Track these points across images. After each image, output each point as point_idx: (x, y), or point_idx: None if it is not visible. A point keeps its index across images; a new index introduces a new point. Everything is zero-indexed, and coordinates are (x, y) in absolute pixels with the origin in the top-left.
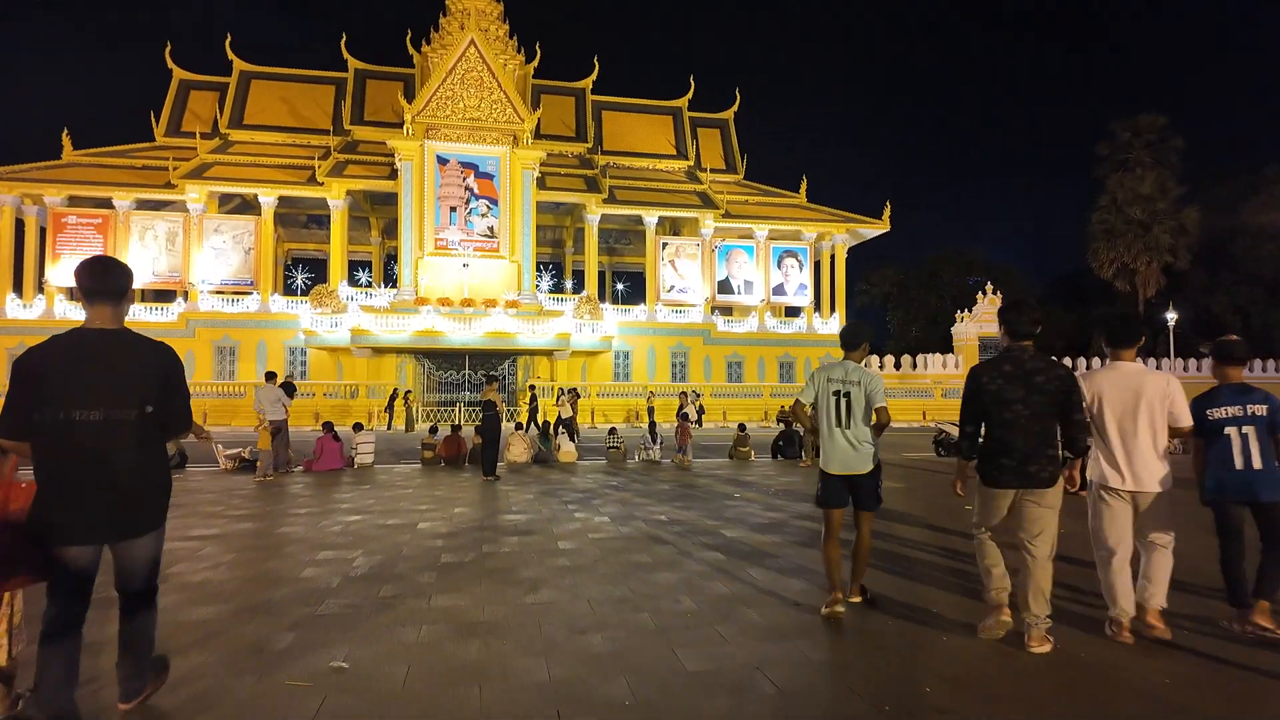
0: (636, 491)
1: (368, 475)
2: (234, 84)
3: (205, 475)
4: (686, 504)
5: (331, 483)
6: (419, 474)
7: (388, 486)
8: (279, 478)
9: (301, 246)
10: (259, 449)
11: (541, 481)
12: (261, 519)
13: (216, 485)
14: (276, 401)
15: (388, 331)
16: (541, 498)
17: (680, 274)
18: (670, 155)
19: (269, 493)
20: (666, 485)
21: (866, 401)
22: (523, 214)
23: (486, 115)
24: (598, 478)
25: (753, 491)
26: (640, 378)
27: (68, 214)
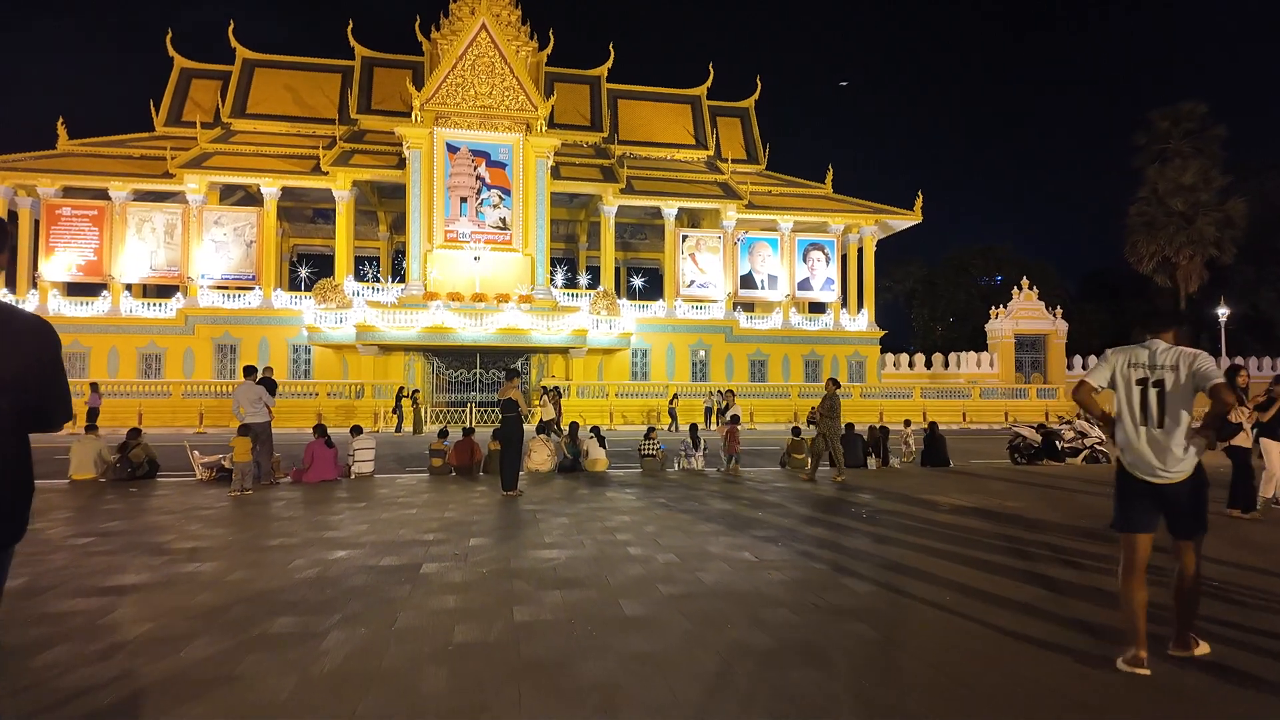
0: (695, 513)
1: (366, 488)
2: (237, 72)
3: (175, 487)
4: (771, 535)
5: (320, 499)
6: (426, 486)
7: (387, 504)
8: (261, 491)
9: (308, 242)
10: (235, 461)
11: (572, 498)
12: (216, 557)
13: (181, 501)
14: (257, 401)
15: (395, 328)
16: (579, 522)
17: (701, 268)
18: (689, 145)
19: (241, 513)
20: (727, 504)
21: (1193, 388)
22: (536, 205)
23: (498, 102)
24: (639, 493)
25: (847, 515)
26: (659, 377)
27: (62, 205)
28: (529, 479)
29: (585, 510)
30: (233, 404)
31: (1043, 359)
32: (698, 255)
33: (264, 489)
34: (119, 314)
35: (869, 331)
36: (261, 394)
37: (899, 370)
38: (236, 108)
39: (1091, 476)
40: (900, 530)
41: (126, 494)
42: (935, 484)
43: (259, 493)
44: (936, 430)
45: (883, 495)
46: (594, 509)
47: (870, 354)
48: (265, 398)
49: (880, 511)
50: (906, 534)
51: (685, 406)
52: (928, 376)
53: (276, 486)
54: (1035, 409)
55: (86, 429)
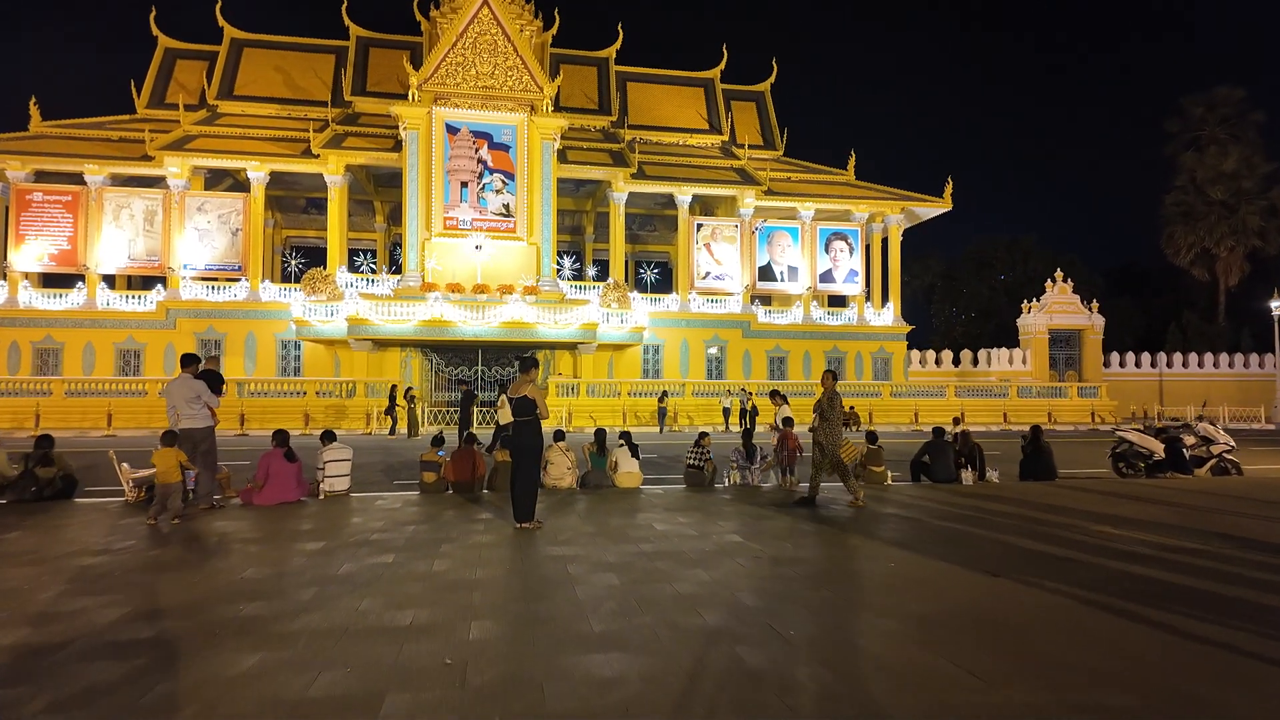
0: (799, 564)
1: (333, 515)
2: (224, 52)
3: (90, 511)
4: (957, 606)
5: (267, 533)
6: (414, 514)
7: (355, 546)
8: (197, 518)
9: (300, 233)
10: (158, 480)
11: (610, 532)
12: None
13: (73, 538)
14: (195, 399)
15: (390, 321)
16: (633, 583)
17: (717, 259)
18: (702, 130)
19: (145, 557)
20: (835, 542)
21: None
22: (542, 190)
23: (501, 83)
24: (698, 523)
25: (1075, 573)
26: (673, 374)
27: (33, 190)
28: (545, 498)
29: (635, 557)
30: (166, 404)
31: (1078, 355)
32: (713, 245)
33: (202, 514)
34: (95, 307)
35: (895, 326)
36: (201, 391)
37: (925, 368)
38: (223, 89)
39: (1247, 493)
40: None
41: (9, 525)
42: (1094, 504)
43: (194, 520)
44: (1041, 437)
45: (1052, 513)
46: (646, 554)
47: (897, 350)
48: (206, 395)
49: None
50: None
51: (696, 406)
52: (956, 374)
53: (219, 510)
54: (1078, 409)
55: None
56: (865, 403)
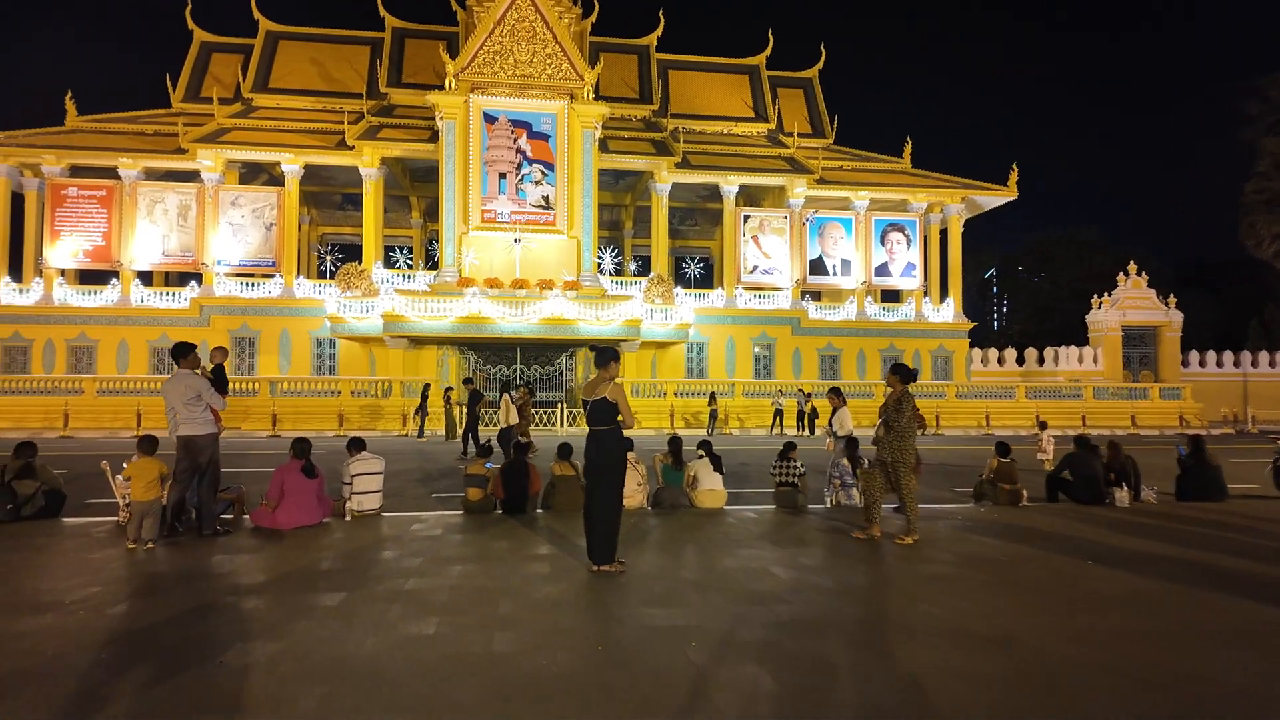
0: (1056, 664)
1: (360, 546)
2: (259, 45)
3: (68, 535)
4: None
5: (272, 575)
6: (459, 543)
7: (387, 600)
8: (199, 544)
9: (336, 230)
10: (134, 498)
11: (713, 578)
12: None
13: (29, 575)
14: (196, 400)
15: (426, 317)
16: (800, 689)
17: (765, 252)
18: (748, 118)
19: (100, 618)
20: (1049, 612)
21: None
22: (582, 181)
23: (539, 71)
24: (825, 566)
25: None
26: (718, 373)
27: (68, 185)
28: None
29: (775, 630)
30: (165, 405)
31: (1153, 354)
32: (761, 238)
33: (201, 542)
34: (129, 304)
35: (956, 323)
36: (202, 390)
37: (987, 367)
38: (258, 82)
39: None
40: None
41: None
42: None
43: (187, 552)
44: (1204, 447)
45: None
46: (787, 625)
47: (958, 349)
48: (209, 395)
49: None
50: None
51: (744, 408)
52: (1020, 374)
53: (223, 536)
54: (1161, 412)
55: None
56: (929, 405)
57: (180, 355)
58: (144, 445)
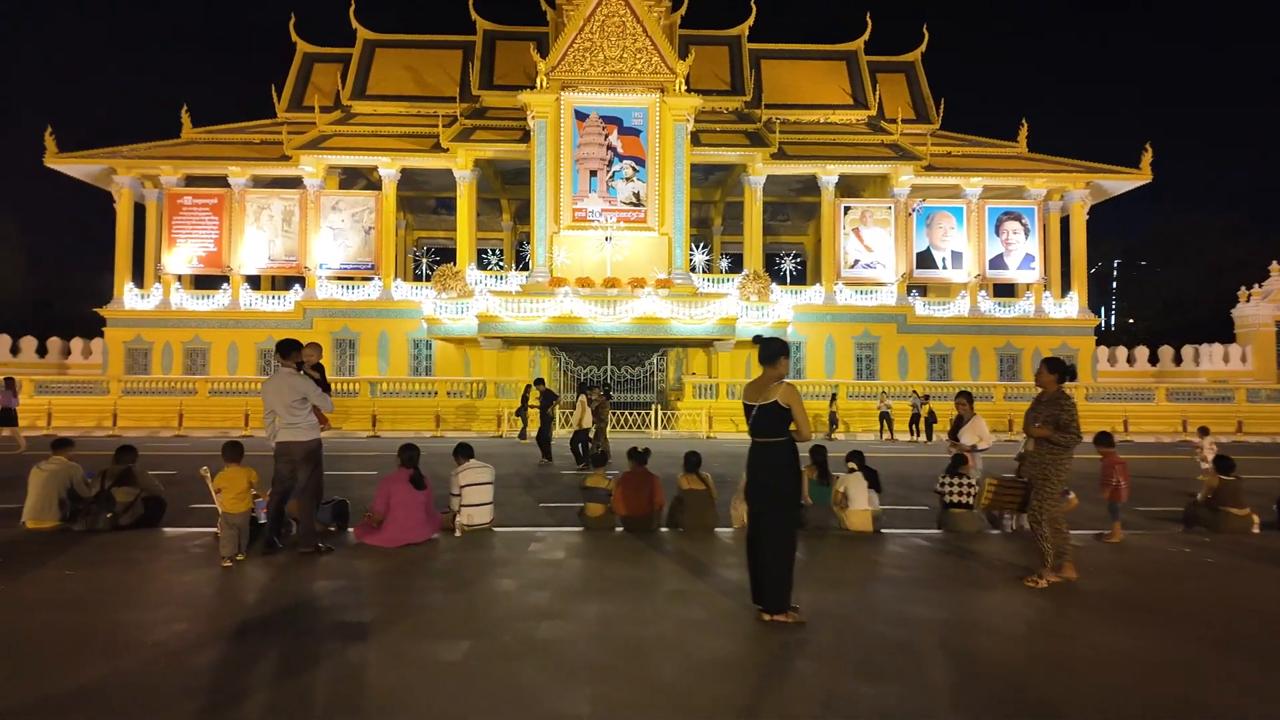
0: None
1: (476, 573)
2: (357, 54)
3: (169, 548)
4: None
5: (378, 613)
6: (585, 571)
7: (520, 655)
8: (296, 564)
9: (430, 234)
10: (224, 510)
11: (917, 630)
12: None
13: (112, 590)
14: (299, 403)
15: (519, 318)
16: None
17: (867, 245)
18: (846, 105)
19: (167, 671)
20: None
21: None
22: (674, 176)
23: (629, 66)
24: (1047, 619)
25: None
26: (816, 374)
27: (183, 195)
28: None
29: (1036, 713)
30: (264, 410)
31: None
32: (862, 230)
33: (298, 561)
34: (238, 308)
35: (1080, 319)
36: (308, 391)
37: (1115, 367)
38: (356, 90)
39: None
40: None
41: (57, 567)
42: None
43: (282, 574)
44: None
45: None
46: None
47: (1083, 347)
48: (315, 397)
49: None
50: None
51: (854, 411)
52: (1153, 375)
53: (325, 555)
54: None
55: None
56: None
57: (285, 354)
58: (229, 453)
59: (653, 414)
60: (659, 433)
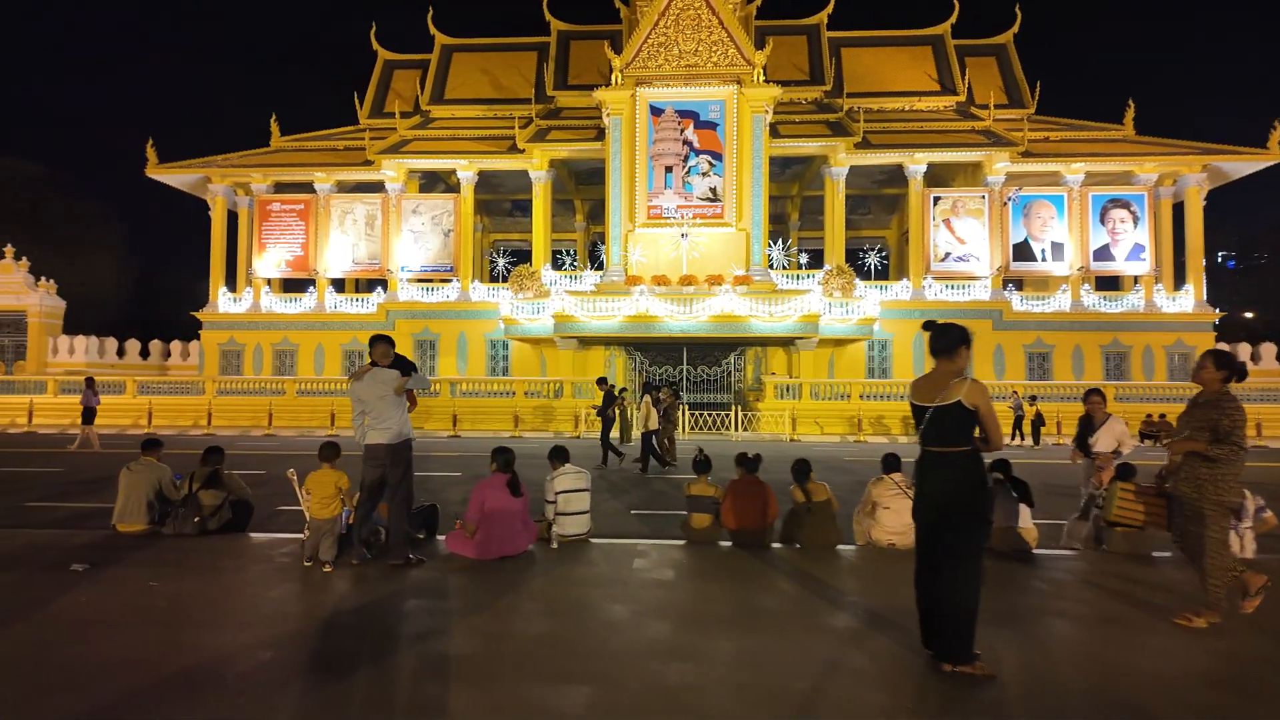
0: None
1: (580, 592)
2: (435, 59)
3: (253, 556)
4: None
5: (481, 635)
6: (701, 592)
7: (646, 711)
8: (385, 578)
9: (505, 236)
10: (313, 515)
11: (1130, 685)
12: None
13: (187, 600)
14: (398, 404)
15: (595, 317)
16: None
17: (958, 237)
18: (932, 92)
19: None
20: None
21: None
22: (752, 169)
23: (705, 60)
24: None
25: None
26: (903, 373)
27: (272, 201)
28: (881, 566)
29: None
30: (353, 408)
31: None
32: (954, 221)
33: (387, 575)
34: (324, 310)
35: (1197, 314)
36: (388, 382)
37: None
38: (435, 95)
39: None
40: None
41: (142, 576)
42: None
43: (374, 585)
44: None
45: None
46: None
47: (1200, 344)
48: (415, 380)
49: None
50: None
51: None
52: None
53: (415, 568)
54: None
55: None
56: (1168, 409)
57: (375, 346)
58: (326, 453)
59: (733, 415)
60: (739, 434)
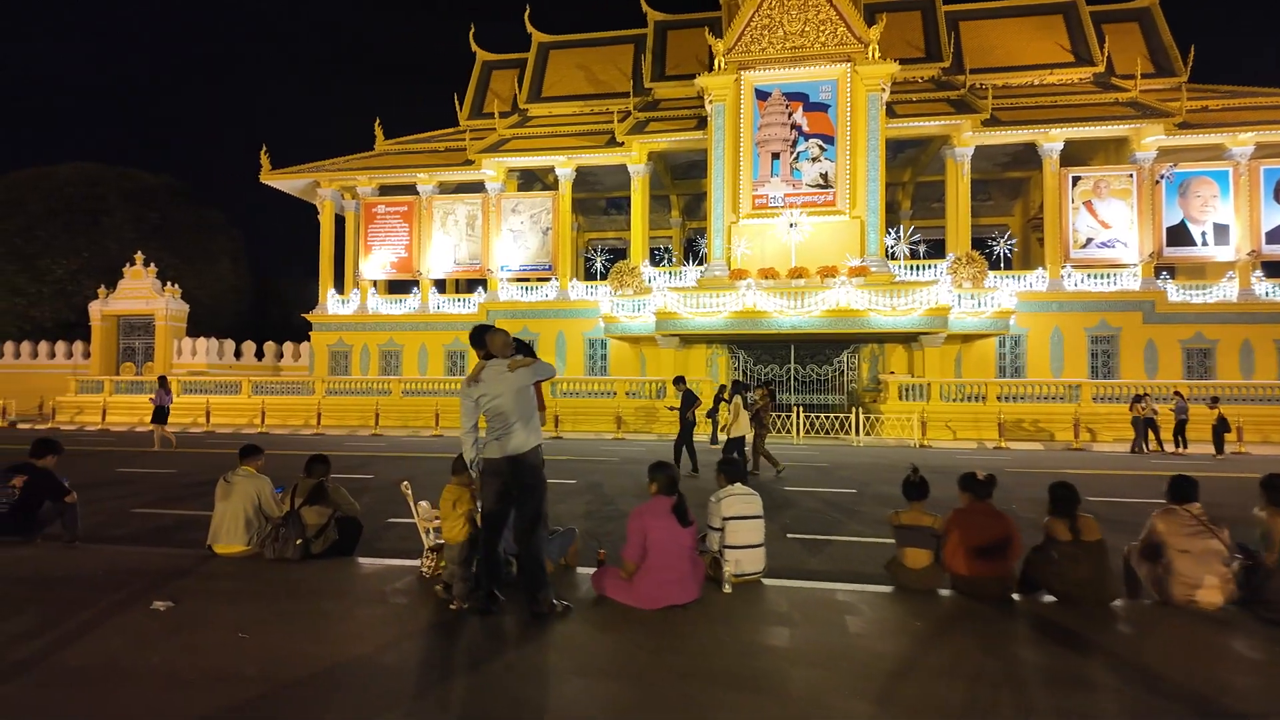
0: None
1: (784, 660)
2: (532, 58)
3: (364, 590)
4: None
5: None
6: (956, 667)
7: None
8: (535, 632)
9: (600, 235)
10: (446, 538)
11: None
12: None
13: (302, 668)
14: (529, 398)
15: (698, 314)
16: None
17: (1102, 220)
18: (1065, 63)
19: None
20: None
21: None
22: (866, 152)
23: (812, 40)
24: None
25: None
26: (1040, 371)
27: (377, 203)
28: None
29: None
30: (464, 416)
31: None
32: (1096, 204)
33: (538, 631)
34: (427, 310)
35: None
36: (537, 373)
37: None
38: (532, 93)
39: None
40: None
41: (233, 622)
42: None
43: (519, 642)
44: None
45: None
46: None
47: None
48: (539, 370)
49: None
50: None
51: (1099, 417)
52: None
53: (560, 618)
54: None
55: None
56: None
57: (480, 344)
58: (459, 466)
59: (853, 418)
60: (859, 439)
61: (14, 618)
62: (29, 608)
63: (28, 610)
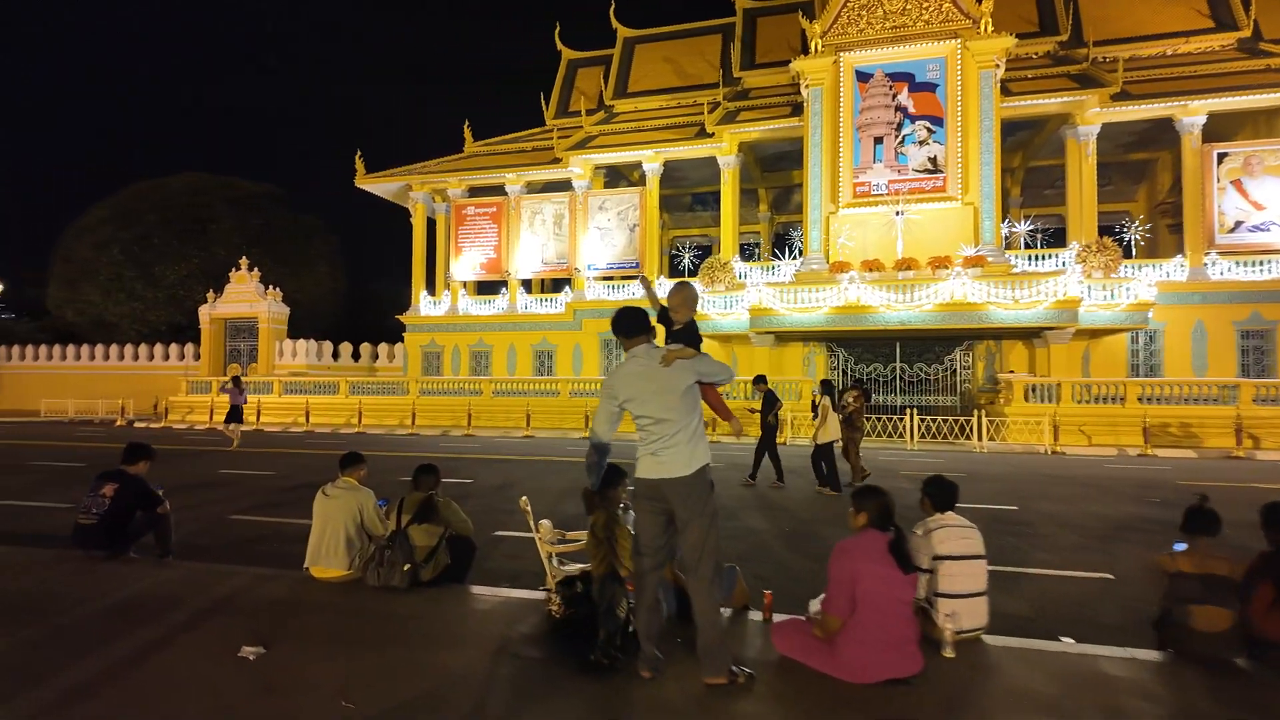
0: None
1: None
2: (617, 54)
3: (484, 631)
4: None
5: None
6: None
7: None
8: (707, 705)
9: (685, 232)
10: (595, 573)
11: None
12: None
13: None
14: (694, 398)
15: (795, 309)
16: None
17: (1255, 201)
18: (1203, 30)
19: None
20: None
21: None
22: (980, 133)
23: (915, 19)
24: None
25: None
26: (1178, 370)
27: (467, 205)
28: None
29: None
30: (601, 422)
31: None
32: (1246, 183)
33: (711, 700)
34: (515, 311)
35: None
36: (700, 370)
37: None
38: (618, 89)
39: None
40: None
41: (331, 679)
42: None
43: None
44: None
45: None
46: None
47: None
48: (712, 368)
49: None
50: None
51: (1262, 420)
52: None
53: (744, 687)
54: None
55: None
56: None
57: (624, 328)
58: (590, 498)
59: (975, 422)
60: (982, 445)
61: (78, 663)
62: (97, 649)
63: (96, 652)
